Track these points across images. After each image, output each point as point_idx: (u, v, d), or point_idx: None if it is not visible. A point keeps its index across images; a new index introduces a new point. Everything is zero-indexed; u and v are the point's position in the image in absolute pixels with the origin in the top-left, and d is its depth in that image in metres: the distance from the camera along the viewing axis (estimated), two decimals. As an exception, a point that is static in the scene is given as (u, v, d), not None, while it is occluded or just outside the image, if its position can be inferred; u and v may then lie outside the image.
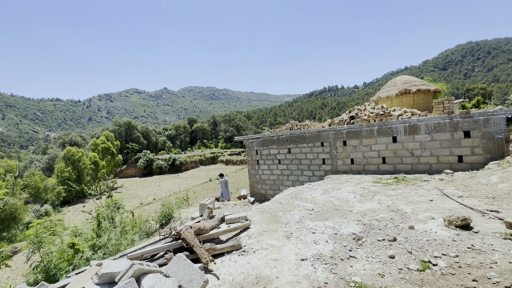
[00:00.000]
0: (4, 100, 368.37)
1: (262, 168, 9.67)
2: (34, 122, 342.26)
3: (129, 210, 10.01)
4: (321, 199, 5.05)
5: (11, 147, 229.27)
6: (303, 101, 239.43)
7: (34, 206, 28.68)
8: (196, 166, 64.01)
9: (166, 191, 38.68)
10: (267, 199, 9.68)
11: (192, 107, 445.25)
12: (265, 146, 9.48)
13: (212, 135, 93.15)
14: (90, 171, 40.81)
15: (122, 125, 65.11)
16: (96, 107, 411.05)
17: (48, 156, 46.90)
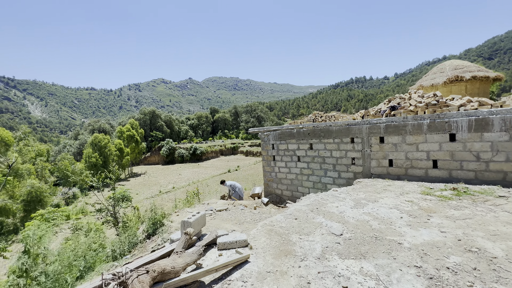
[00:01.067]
0: (47, 88, 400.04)
1: (279, 165, 8.41)
2: (72, 110, 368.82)
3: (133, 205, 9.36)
4: (352, 216, 3.72)
5: (53, 132, 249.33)
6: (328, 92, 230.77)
7: (62, 189, 30.28)
8: (217, 156, 64.33)
9: (186, 180, 39.00)
10: (283, 200, 8.46)
11: (215, 98, 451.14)
12: (282, 140, 8.18)
13: (233, 125, 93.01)
14: (116, 157, 42.33)
15: (147, 113, 66.91)
16: (126, 96, 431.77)
17: (79, 141, 49.60)
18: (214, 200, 8.99)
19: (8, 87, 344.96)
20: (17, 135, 25.27)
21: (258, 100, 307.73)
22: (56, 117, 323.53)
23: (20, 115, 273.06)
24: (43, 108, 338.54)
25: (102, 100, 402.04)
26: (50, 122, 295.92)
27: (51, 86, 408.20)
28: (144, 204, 25.57)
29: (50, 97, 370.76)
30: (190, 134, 77.72)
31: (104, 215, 8.23)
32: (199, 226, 3.49)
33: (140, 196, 31.01)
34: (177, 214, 7.13)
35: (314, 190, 7.57)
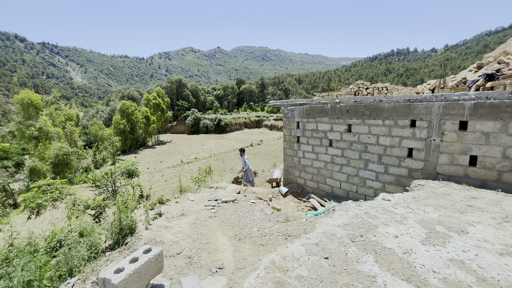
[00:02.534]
0: (86, 55, 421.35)
1: (304, 149, 6.71)
2: (108, 76, 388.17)
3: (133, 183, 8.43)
4: (432, 269, 2.04)
5: (92, 98, 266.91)
6: (364, 65, 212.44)
7: (92, 152, 31.80)
8: (241, 128, 63.51)
9: (208, 151, 38.92)
10: (306, 192, 6.88)
11: (243, 68, 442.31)
12: (311, 117, 6.35)
13: (259, 97, 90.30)
14: (142, 125, 43.28)
15: (174, 82, 66.81)
16: (156, 65, 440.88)
17: (110, 108, 51.45)
18: (224, 184, 7.72)
19: (52, 53, 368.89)
20: (48, 99, 26.06)
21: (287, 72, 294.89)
22: (94, 83, 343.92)
23: (63, 81, 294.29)
24: (83, 75, 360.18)
25: (135, 68, 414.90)
26: (89, 88, 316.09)
27: (89, 53, 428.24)
28: (165, 173, 25.81)
29: (88, 63, 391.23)
30: (215, 105, 77.11)
31: (102, 191, 7.40)
32: (141, 282, 2.02)
33: (163, 164, 31.58)
34: (177, 201, 5.97)
35: (347, 185, 5.85)
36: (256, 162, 29.40)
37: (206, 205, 5.47)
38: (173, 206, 5.60)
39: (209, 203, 5.59)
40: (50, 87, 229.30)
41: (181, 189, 7.22)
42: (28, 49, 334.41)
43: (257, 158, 31.91)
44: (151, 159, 35.05)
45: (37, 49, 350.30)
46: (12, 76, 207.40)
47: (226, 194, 6.30)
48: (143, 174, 26.08)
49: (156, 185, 21.46)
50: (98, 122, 38.25)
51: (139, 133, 42.97)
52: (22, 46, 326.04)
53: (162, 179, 23.54)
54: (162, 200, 5.96)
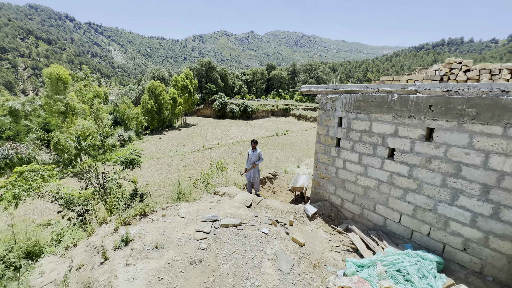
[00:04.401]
0: (126, 36, 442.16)
1: (346, 157, 4.67)
2: (145, 57, 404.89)
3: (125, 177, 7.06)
4: None
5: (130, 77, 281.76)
6: (407, 55, 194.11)
7: (119, 130, 32.30)
8: (267, 116, 61.46)
9: (231, 137, 37.81)
10: (343, 216, 4.92)
11: (275, 54, 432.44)
12: (362, 112, 4.25)
13: (289, 85, 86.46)
14: (169, 106, 43.25)
15: (204, 64, 66.07)
16: (190, 47, 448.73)
17: (141, 87, 52.34)
18: (233, 190, 6.02)
19: (97, 33, 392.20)
20: (78, 75, 26.30)
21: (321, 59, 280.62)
22: (132, 64, 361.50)
23: (105, 60, 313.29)
24: (123, 55, 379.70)
25: (170, 50, 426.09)
26: (128, 68, 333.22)
27: (129, 34, 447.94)
28: (185, 158, 25.11)
29: (128, 44, 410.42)
30: (243, 90, 75.30)
31: (90, 184, 6.15)
32: None
33: (185, 147, 31.10)
34: (163, 214, 4.39)
35: (413, 221, 3.77)
36: (279, 154, 27.47)
37: (197, 230, 3.81)
38: (154, 224, 4.04)
39: (202, 226, 3.92)
40: (94, 65, 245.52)
41: (179, 194, 5.66)
42: (77, 28, 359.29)
43: (281, 149, 29.92)
44: (174, 142, 34.87)
45: (84, 29, 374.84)
46: (62, 53, 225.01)
47: (230, 211, 4.58)
48: (163, 157, 25.69)
49: (173, 170, 20.75)
50: (127, 100, 38.81)
51: (165, 114, 43.08)
52: (71, 25, 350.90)
53: (181, 164, 22.80)
54: (145, 212, 4.43)
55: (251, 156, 6.84)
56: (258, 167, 6.94)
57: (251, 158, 6.82)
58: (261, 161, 6.90)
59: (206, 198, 5.34)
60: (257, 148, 6.87)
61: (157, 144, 33.50)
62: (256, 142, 6.85)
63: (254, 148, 6.81)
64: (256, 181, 6.90)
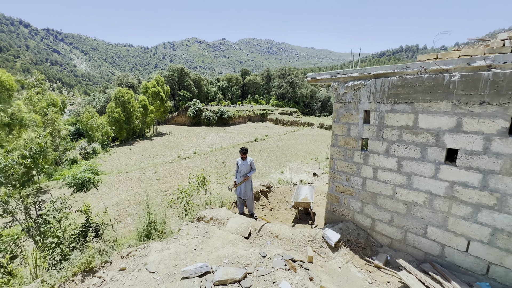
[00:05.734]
0: (90, 43, 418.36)
1: (378, 163, 3.50)
2: (112, 65, 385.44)
3: (82, 204, 5.28)
4: None
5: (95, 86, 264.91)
6: (371, 61, 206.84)
7: (81, 143, 28.82)
8: (244, 121, 60.38)
9: (209, 145, 35.91)
10: (375, 243, 3.70)
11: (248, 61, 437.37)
12: (401, 101, 3.13)
13: (264, 90, 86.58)
14: (139, 114, 40.18)
15: (176, 71, 63.43)
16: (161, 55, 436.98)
17: (106, 95, 48.26)
18: (223, 213, 4.58)
19: (56, 40, 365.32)
20: (29, 82, 22.97)
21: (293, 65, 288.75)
22: (98, 72, 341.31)
23: (67, 68, 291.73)
24: (87, 62, 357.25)
25: (139, 57, 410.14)
26: (93, 76, 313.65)
27: (94, 40, 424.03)
28: (159, 169, 22.81)
29: (92, 51, 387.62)
30: (218, 96, 73.60)
31: (15, 220, 4.29)
32: None
33: (159, 158, 28.59)
34: (122, 267, 2.84)
35: (490, 251, 2.66)
36: (261, 160, 26.25)
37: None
38: None
39: (185, 287, 2.45)
40: (54, 74, 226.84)
41: (149, 226, 4.05)
42: (33, 35, 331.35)
43: (263, 155, 28.77)
44: (146, 152, 32.09)
45: (41, 35, 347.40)
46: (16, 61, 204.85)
47: (225, 251, 3.14)
48: (134, 170, 23.14)
49: (146, 184, 18.48)
50: (90, 109, 35.17)
51: (135, 123, 39.85)
52: (26, 31, 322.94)
53: (154, 176, 20.54)
54: (92, 267, 2.83)
55: (241, 167, 5.47)
56: (251, 179, 5.58)
57: (241, 169, 5.45)
58: (253, 172, 5.56)
59: (187, 230, 3.83)
60: (248, 157, 5.53)
61: (127, 156, 30.51)
62: (245, 150, 5.48)
63: (244, 158, 5.46)
64: (249, 198, 5.52)
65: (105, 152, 31.74)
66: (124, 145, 37.12)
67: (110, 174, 21.73)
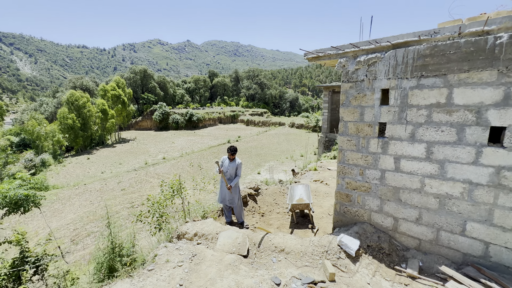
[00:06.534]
0: (35, 44, 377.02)
1: (400, 151, 2.94)
2: (64, 68, 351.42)
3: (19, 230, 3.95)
4: None
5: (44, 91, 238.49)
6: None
7: (26, 154, 24.96)
8: (215, 124, 58.75)
9: (179, 149, 33.92)
10: (400, 246, 3.13)
11: (214, 63, 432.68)
12: (432, 74, 2.60)
13: (233, 91, 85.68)
14: (98, 120, 36.45)
15: (138, 72, 59.38)
16: (120, 57, 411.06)
17: (57, 100, 43.02)
18: (209, 226, 3.69)
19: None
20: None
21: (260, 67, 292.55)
22: (47, 76, 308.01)
23: (8, 71, 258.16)
24: (33, 65, 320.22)
25: (95, 59, 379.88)
26: (41, 81, 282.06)
27: (40, 41, 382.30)
28: (124, 179, 20.60)
29: (39, 53, 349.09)
30: (186, 99, 70.76)
31: None
32: None
33: (123, 166, 25.98)
34: None
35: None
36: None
37: None
38: None
39: None
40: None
41: (113, 254, 2.97)
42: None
43: (237, 157, 27.80)
44: (108, 161, 29.05)
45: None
46: None
47: (227, 283, 2.29)
48: (94, 181, 20.58)
49: (108, 196, 16.38)
50: (37, 116, 30.82)
51: (93, 129, 35.99)
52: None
53: (119, 187, 18.41)
54: None
55: (227, 168, 4.63)
56: (238, 185, 4.78)
57: (227, 170, 4.62)
58: (237, 180, 4.72)
59: (166, 254, 2.87)
60: (237, 157, 4.71)
61: (85, 167, 27.29)
62: (234, 150, 4.64)
63: (232, 159, 4.62)
64: (237, 205, 4.70)
65: (57, 163, 28.01)
66: (81, 155, 33.25)
67: (64, 188, 18.94)
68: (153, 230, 5.32)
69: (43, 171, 25.15)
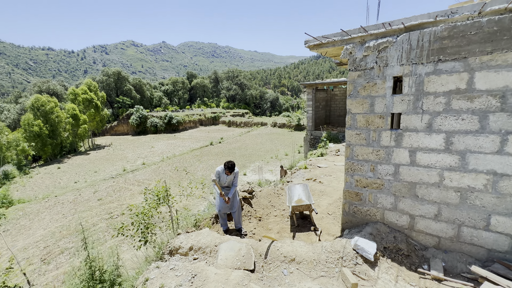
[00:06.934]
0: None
1: (415, 143, 2.72)
2: (27, 72, 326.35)
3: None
4: None
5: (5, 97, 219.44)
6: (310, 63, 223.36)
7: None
8: (195, 126, 57.35)
9: (159, 154, 32.57)
10: (418, 247, 2.91)
11: (192, 64, 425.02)
12: (450, 57, 2.40)
13: (213, 93, 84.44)
14: (68, 126, 33.94)
15: (111, 75, 56.39)
16: (91, 59, 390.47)
17: (20, 106, 39.49)
18: (205, 238, 3.26)
19: None
20: None
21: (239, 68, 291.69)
22: (8, 80, 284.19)
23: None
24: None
25: (63, 62, 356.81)
26: (1, 86, 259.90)
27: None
28: (100, 188, 19.22)
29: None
30: (164, 102, 68.44)
31: None
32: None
33: (99, 174, 24.30)
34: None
35: None
36: (220, 163, 24.67)
37: None
38: None
39: None
40: None
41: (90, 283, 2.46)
42: None
43: (221, 158, 27.27)
44: (82, 170, 27.07)
45: None
46: None
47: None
48: (66, 192, 19.00)
49: (83, 208, 15.11)
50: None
51: (63, 136, 33.40)
52: None
53: (95, 197, 17.11)
54: None
55: (224, 180, 4.24)
56: (237, 190, 4.40)
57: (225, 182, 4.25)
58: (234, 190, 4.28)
59: (160, 278, 2.40)
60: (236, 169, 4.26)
61: (55, 177, 25.21)
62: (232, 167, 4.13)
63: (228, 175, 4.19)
64: (237, 211, 4.31)
65: (23, 174, 25.60)
66: (50, 164, 30.69)
67: (31, 202, 17.21)
68: (137, 243, 4.76)
69: (6, 184, 22.82)
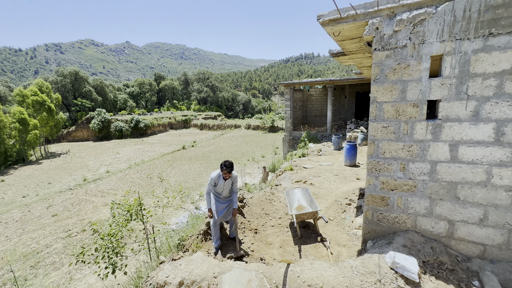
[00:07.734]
0: None
1: (458, 136, 2.28)
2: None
3: None
4: None
5: None
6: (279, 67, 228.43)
7: None
8: (165, 130, 54.54)
9: (126, 160, 30.02)
10: (461, 258, 2.47)
11: (159, 66, 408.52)
12: (505, 30, 1.99)
13: (183, 95, 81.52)
14: (15, 132, 29.69)
15: (67, 75, 51.18)
16: (43, 59, 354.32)
17: (-48, 109, 33.51)
18: (200, 266, 2.47)
19: None
20: None
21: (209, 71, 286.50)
22: None
23: None
24: None
25: (8, 61, 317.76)
26: None
27: None
28: (55, 201, 16.83)
29: None
30: (130, 104, 64.09)
31: None
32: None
33: (53, 186, 21.36)
34: None
35: None
36: (195, 169, 23.39)
37: None
38: None
39: None
40: None
41: None
42: None
43: (195, 163, 25.97)
44: (32, 181, 23.65)
45: None
46: None
47: None
48: (11, 209, 16.31)
49: (35, 227, 12.91)
50: None
51: (9, 144, 29.05)
52: None
53: (49, 213, 14.84)
54: None
55: (221, 188, 3.49)
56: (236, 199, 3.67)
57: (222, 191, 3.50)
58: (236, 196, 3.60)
59: None
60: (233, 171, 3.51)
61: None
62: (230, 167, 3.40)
63: (227, 178, 3.43)
64: (234, 220, 3.59)
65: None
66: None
67: (-35, 223, 14.28)
68: (103, 271, 3.80)
69: None
